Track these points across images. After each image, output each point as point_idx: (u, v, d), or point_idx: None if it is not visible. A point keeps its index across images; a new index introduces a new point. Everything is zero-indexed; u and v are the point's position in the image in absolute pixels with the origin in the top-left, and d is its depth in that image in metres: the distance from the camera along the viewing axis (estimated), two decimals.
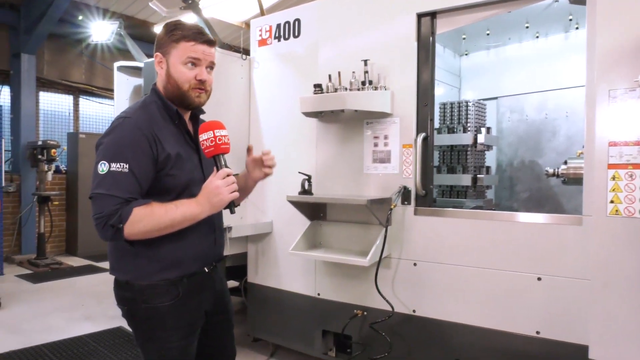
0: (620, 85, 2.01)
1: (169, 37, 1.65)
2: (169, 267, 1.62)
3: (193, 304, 1.69)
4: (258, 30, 3.47)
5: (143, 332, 1.66)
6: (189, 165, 1.68)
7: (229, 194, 1.56)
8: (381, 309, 2.74)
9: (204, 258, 1.74)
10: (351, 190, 2.94)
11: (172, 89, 1.66)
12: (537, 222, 2.38)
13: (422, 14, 2.71)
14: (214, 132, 1.56)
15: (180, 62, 1.64)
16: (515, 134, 3.79)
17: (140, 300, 1.61)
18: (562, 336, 2.27)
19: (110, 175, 1.50)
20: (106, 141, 1.57)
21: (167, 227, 1.54)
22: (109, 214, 1.48)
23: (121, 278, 1.65)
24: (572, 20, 3.22)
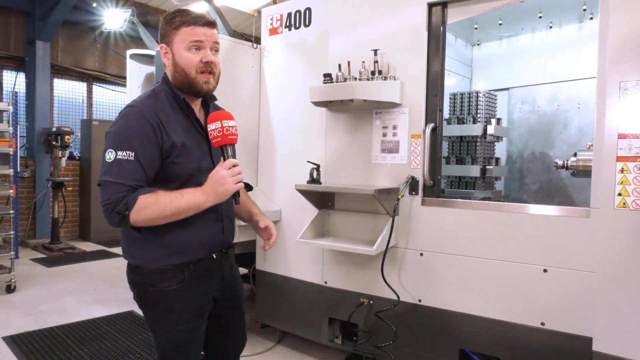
0: (631, 77, 1.98)
1: (170, 26, 1.67)
2: (175, 253, 1.66)
3: (200, 289, 1.73)
4: (269, 19, 3.48)
5: (151, 315, 1.71)
6: (197, 153, 1.70)
7: (234, 184, 1.59)
8: (387, 297, 2.77)
9: (210, 245, 1.77)
10: (359, 179, 2.96)
11: (180, 77, 1.68)
12: (545, 214, 2.38)
13: (433, 3, 2.70)
14: (221, 123, 1.59)
15: (184, 47, 1.65)
16: (526, 125, 3.76)
17: (149, 283, 1.66)
18: (567, 328, 2.27)
19: (117, 163, 1.54)
20: (113, 130, 1.60)
21: (173, 214, 1.57)
22: (116, 200, 1.52)
23: (132, 262, 1.70)
24: (586, 10, 3.18)
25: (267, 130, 3.49)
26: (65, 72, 8.26)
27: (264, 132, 3.52)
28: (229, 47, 3.34)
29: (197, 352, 1.77)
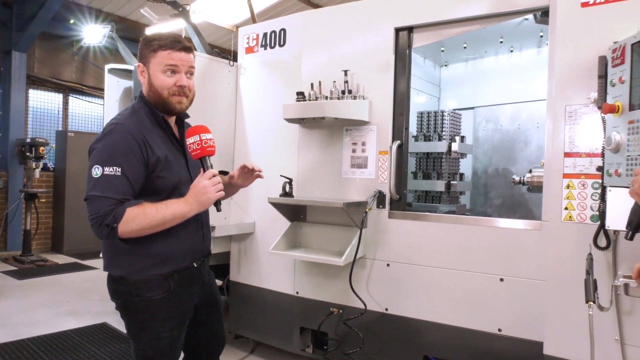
0: (575, 101, 2.18)
1: (148, 48, 1.79)
2: (161, 263, 1.76)
3: (184, 297, 1.83)
4: (245, 38, 3.61)
5: (136, 324, 1.79)
6: (177, 167, 1.81)
7: (215, 192, 1.71)
8: (356, 307, 2.88)
9: (193, 253, 1.87)
10: (330, 193, 3.09)
11: (154, 96, 1.79)
12: (501, 226, 2.55)
13: (399, 28, 2.88)
14: (200, 136, 1.70)
15: (160, 70, 1.76)
16: (490, 142, 3.96)
17: (134, 293, 1.74)
18: (521, 333, 2.43)
19: (104, 178, 1.63)
20: (99, 146, 1.69)
21: (159, 225, 1.67)
22: (104, 214, 1.61)
23: (116, 273, 1.78)
24: (542, 37, 3.40)
25: (242, 145, 3.60)
26: (42, 83, 8.22)
27: (240, 147, 3.63)
28: (206, 64, 3.46)
29: (177, 358, 1.85)
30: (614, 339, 2.04)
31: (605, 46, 2.03)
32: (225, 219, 3.50)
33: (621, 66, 1.87)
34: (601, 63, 2.02)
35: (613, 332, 2.05)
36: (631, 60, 1.83)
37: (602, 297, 1.99)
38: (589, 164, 2.14)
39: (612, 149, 1.84)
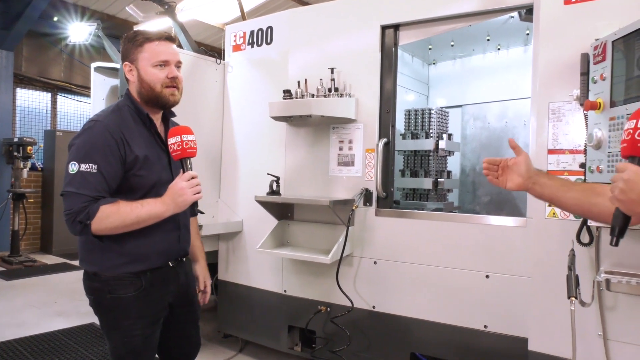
0: (558, 99, 2.19)
1: (133, 44, 1.78)
2: (134, 261, 1.74)
3: (156, 296, 1.81)
4: (232, 36, 3.59)
5: (108, 321, 1.78)
6: (158, 166, 1.80)
7: (193, 195, 1.69)
8: (343, 305, 2.89)
9: (168, 253, 1.86)
10: (317, 191, 3.08)
11: (146, 92, 1.78)
12: (487, 223, 2.56)
13: (385, 26, 2.87)
14: (181, 137, 1.69)
15: (150, 65, 1.76)
16: (478, 140, 3.97)
17: (106, 290, 1.72)
18: (507, 330, 2.44)
19: (80, 175, 1.62)
20: (77, 143, 1.68)
21: (133, 224, 1.66)
22: (78, 210, 1.60)
23: (90, 269, 1.76)
24: (529, 35, 3.41)
25: (229, 143, 3.58)
26: (29, 81, 8.14)
27: (227, 145, 3.61)
28: (193, 62, 3.44)
29: (152, 357, 1.84)
30: (598, 334, 2.05)
31: (587, 43, 2.04)
32: (213, 218, 3.49)
33: (602, 63, 1.89)
34: (583, 60, 2.03)
35: (596, 328, 2.06)
36: (612, 57, 1.84)
37: (584, 293, 2.01)
38: (572, 161, 2.15)
39: (593, 145, 1.85)
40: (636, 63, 1.72)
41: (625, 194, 1.11)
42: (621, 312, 2.00)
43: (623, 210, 1.14)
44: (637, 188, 1.09)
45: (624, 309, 1.98)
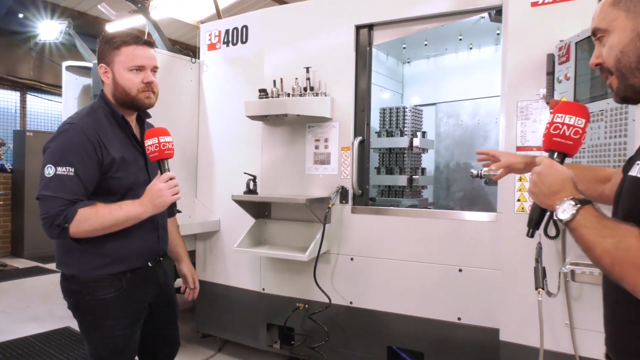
0: (526, 97, 2.26)
1: (110, 46, 1.76)
2: (113, 262, 1.74)
3: (136, 296, 1.81)
4: (207, 35, 3.58)
5: (88, 323, 1.77)
6: (134, 168, 1.80)
7: (171, 196, 1.70)
8: (321, 301, 2.92)
9: (147, 254, 1.86)
10: (294, 190, 3.11)
11: (121, 95, 1.77)
12: (460, 219, 2.63)
13: (360, 25, 2.91)
14: (158, 139, 1.69)
15: (126, 68, 1.75)
16: (451, 137, 4.06)
17: (86, 292, 1.72)
18: (479, 321, 2.52)
19: (57, 178, 1.61)
20: (53, 146, 1.67)
21: (112, 226, 1.66)
22: (55, 214, 1.59)
23: (67, 272, 1.75)
24: (499, 35, 3.50)
25: (205, 142, 3.57)
26: None
27: (203, 145, 3.60)
28: (167, 61, 3.41)
29: (132, 357, 1.84)
30: (564, 323, 2.14)
31: (553, 44, 2.12)
32: (190, 218, 3.48)
33: (567, 63, 1.97)
34: (549, 60, 2.11)
35: (563, 317, 2.15)
36: (575, 57, 1.92)
37: (551, 284, 2.09)
38: None
39: None
40: None
41: (537, 187, 1.12)
42: (585, 302, 2.09)
43: (536, 203, 1.15)
44: (547, 181, 1.10)
45: (588, 298, 2.07)
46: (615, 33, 1.08)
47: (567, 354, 2.14)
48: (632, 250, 0.92)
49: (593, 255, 0.99)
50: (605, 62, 1.11)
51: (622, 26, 1.07)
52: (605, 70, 1.13)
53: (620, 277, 0.95)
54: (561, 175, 1.09)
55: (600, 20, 1.11)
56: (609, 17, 1.09)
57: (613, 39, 1.08)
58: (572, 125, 1.12)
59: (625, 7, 1.06)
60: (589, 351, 2.07)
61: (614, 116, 1.66)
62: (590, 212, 1.01)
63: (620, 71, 1.08)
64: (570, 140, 1.13)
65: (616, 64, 1.08)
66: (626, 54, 1.06)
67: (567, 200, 1.04)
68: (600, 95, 1.81)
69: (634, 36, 1.05)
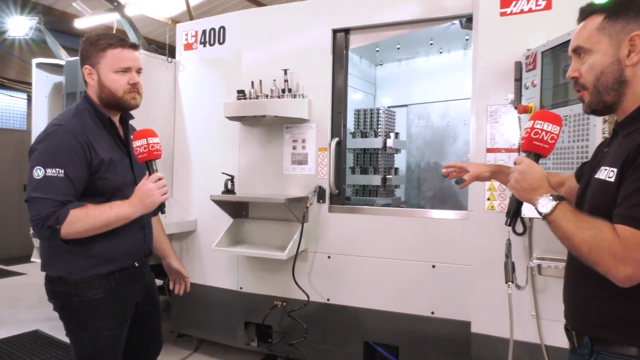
0: (495, 102, 2.39)
1: (95, 48, 1.77)
2: (102, 263, 1.75)
3: (125, 296, 1.83)
4: (184, 35, 3.58)
5: (76, 324, 1.77)
6: (122, 169, 1.82)
7: (161, 195, 1.73)
8: (299, 299, 2.99)
9: (135, 253, 1.88)
10: (272, 189, 3.16)
11: (107, 96, 1.79)
12: (433, 217, 2.75)
13: (337, 30, 3.00)
14: (147, 140, 1.72)
15: (112, 70, 1.77)
16: (422, 138, 4.19)
17: (74, 293, 1.72)
18: (452, 315, 2.64)
19: (46, 179, 1.61)
20: (41, 147, 1.67)
21: (102, 226, 1.68)
22: (46, 215, 1.59)
23: (54, 274, 1.75)
24: (468, 40, 3.65)
25: (182, 142, 3.57)
26: None
27: (179, 144, 3.60)
28: (143, 60, 3.32)
29: (120, 357, 1.85)
30: (531, 314, 2.28)
31: (520, 52, 2.26)
32: (166, 217, 3.46)
33: (533, 71, 2.10)
34: (517, 68, 2.24)
35: (530, 308, 2.29)
36: (541, 66, 2.05)
37: (519, 278, 2.22)
38: (508, 159, 2.36)
39: None
40: (562, 72, 1.93)
41: (519, 183, 1.27)
42: (551, 294, 2.23)
43: (516, 197, 1.31)
44: (528, 178, 1.25)
45: (553, 290, 2.21)
46: (598, 55, 1.23)
47: (534, 344, 2.28)
48: (607, 240, 1.10)
49: (571, 244, 1.17)
50: (581, 77, 1.27)
51: (605, 50, 1.22)
52: (579, 84, 1.28)
53: (596, 262, 1.12)
54: (539, 174, 1.25)
55: (585, 41, 1.26)
56: (593, 39, 1.24)
57: (595, 59, 1.24)
58: (549, 132, 1.27)
59: (609, 34, 1.22)
60: (554, 340, 2.21)
61: (577, 122, 1.80)
62: (567, 207, 1.18)
63: (597, 88, 1.24)
64: (547, 144, 1.28)
65: (595, 82, 1.24)
66: (605, 75, 1.22)
67: (546, 196, 1.20)
68: (562, 102, 1.94)
69: (613, 60, 1.21)
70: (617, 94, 1.23)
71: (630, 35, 1.19)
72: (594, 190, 1.26)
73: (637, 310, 1.17)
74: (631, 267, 1.08)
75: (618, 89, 1.22)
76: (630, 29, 1.20)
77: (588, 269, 1.16)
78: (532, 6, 2.29)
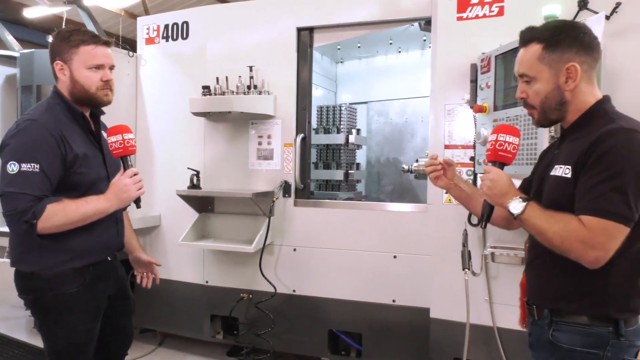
0: (452, 101, 2.55)
1: (67, 44, 1.77)
2: (78, 257, 1.77)
3: (99, 290, 1.85)
4: (145, 28, 3.54)
5: (50, 318, 1.78)
6: (95, 164, 1.83)
7: (137, 190, 1.76)
8: (265, 291, 3.06)
9: (109, 247, 1.91)
10: (238, 184, 3.21)
11: (79, 93, 1.79)
12: (394, 210, 2.89)
13: (301, 28, 3.07)
14: (122, 136, 1.74)
15: (85, 67, 1.78)
16: (382, 134, 4.34)
17: (47, 288, 1.73)
18: (412, 302, 2.80)
19: (21, 174, 1.61)
20: (14, 142, 1.66)
21: (79, 221, 1.69)
22: (23, 210, 1.60)
23: (26, 269, 1.75)
24: (425, 41, 3.82)
25: (144, 137, 3.54)
26: None
27: (141, 140, 3.56)
28: None
29: (92, 350, 1.87)
30: (485, 299, 2.46)
31: (476, 55, 2.41)
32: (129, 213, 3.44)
33: (487, 74, 2.26)
34: (472, 70, 2.40)
35: (484, 294, 2.46)
36: (495, 69, 2.21)
37: (475, 266, 2.39)
38: (464, 155, 2.53)
39: (481, 142, 2.22)
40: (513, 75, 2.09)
41: (491, 190, 1.45)
42: (502, 280, 2.41)
43: (489, 202, 1.51)
44: (498, 185, 1.44)
45: (505, 276, 2.39)
46: (540, 82, 1.44)
47: (487, 326, 2.46)
48: (576, 230, 1.29)
49: (544, 237, 1.35)
50: (529, 98, 1.48)
51: (546, 78, 1.43)
52: (528, 105, 1.50)
53: (567, 250, 1.31)
54: (507, 180, 1.45)
55: (529, 69, 1.46)
56: (535, 68, 1.44)
57: (540, 86, 1.45)
58: (511, 143, 1.48)
59: (549, 64, 1.42)
60: (505, 323, 2.40)
61: (527, 122, 1.96)
62: (535, 206, 1.38)
63: (543, 109, 1.46)
64: (510, 154, 1.49)
65: (541, 104, 1.46)
66: (549, 99, 1.44)
67: (516, 198, 1.40)
68: (513, 103, 2.11)
69: (555, 87, 1.43)
70: (560, 112, 1.45)
71: (566, 65, 1.40)
72: (551, 185, 1.44)
73: (585, 286, 1.37)
74: (598, 250, 1.27)
75: (560, 109, 1.45)
76: (567, 59, 1.40)
77: (546, 252, 1.37)
78: (486, 12, 2.45)
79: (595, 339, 1.36)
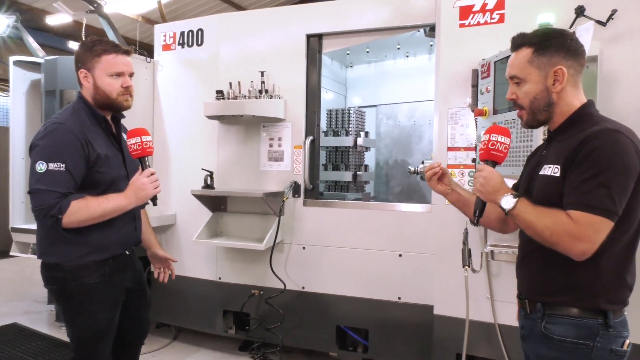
0: (455, 105, 2.64)
1: (91, 53, 1.92)
2: (97, 251, 1.91)
3: (117, 281, 1.99)
4: (162, 36, 3.70)
5: (73, 307, 1.92)
6: (116, 164, 1.98)
7: (153, 189, 1.90)
8: (275, 287, 3.18)
9: (126, 242, 2.05)
10: (249, 185, 3.34)
11: (101, 98, 1.94)
12: (400, 210, 2.99)
13: (310, 35, 3.19)
14: (141, 138, 1.88)
15: (106, 74, 1.92)
16: (390, 137, 4.44)
17: (71, 279, 1.87)
18: (417, 299, 2.89)
19: (49, 173, 1.76)
20: (42, 144, 1.81)
21: (100, 216, 1.84)
22: (50, 205, 1.74)
23: (51, 261, 1.89)
24: (432, 46, 3.91)
25: (161, 140, 3.70)
26: None
27: (158, 142, 3.71)
28: None
29: (112, 339, 2.01)
30: (486, 297, 2.55)
31: (477, 61, 2.51)
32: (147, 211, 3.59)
33: (487, 79, 2.35)
34: (474, 75, 2.49)
35: (485, 291, 2.55)
36: (494, 74, 2.31)
37: (476, 263, 2.48)
38: (466, 157, 2.62)
39: None
40: None
41: (484, 187, 1.53)
42: (503, 277, 2.50)
43: (482, 199, 1.57)
44: (491, 183, 1.52)
45: (505, 274, 2.48)
46: (530, 84, 1.52)
47: (488, 323, 2.55)
48: (565, 224, 1.37)
49: (534, 231, 1.43)
50: (519, 99, 1.56)
51: (536, 80, 1.51)
52: (518, 105, 1.58)
53: (556, 243, 1.39)
54: (499, 178, 1.53)
55: (520, 72, 1.54)
56: (525, 71, 1.53)
57: (529, 87, 1.53)
58: (503, 143, 1.56)
59: (538, 66, 1.51)
60: (506, 319, 2.48)
61: None
62: (526, 202, 1.45)
63: (532, 110, 1.55)
64: (502, 153, 1.57)
65: (530, 105, 1.54)
66: (538, 100, 1.53)
67: (507, 195, 1.47)
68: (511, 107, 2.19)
69: (543, 89, 1.51)
70: (547, 113, 1.54)
71: (554, 68, 1.48)
72: (541, 184, 1.52)
73: (576, 280, 1.45)
74: (585, 243, 1.35)
75: (548, 110, 1.53)
76: (554, 63, 1.49)
77: (538, 249, 1.46)
78: (488, 19, 2.55)
79: (586, 330, 1.43)
